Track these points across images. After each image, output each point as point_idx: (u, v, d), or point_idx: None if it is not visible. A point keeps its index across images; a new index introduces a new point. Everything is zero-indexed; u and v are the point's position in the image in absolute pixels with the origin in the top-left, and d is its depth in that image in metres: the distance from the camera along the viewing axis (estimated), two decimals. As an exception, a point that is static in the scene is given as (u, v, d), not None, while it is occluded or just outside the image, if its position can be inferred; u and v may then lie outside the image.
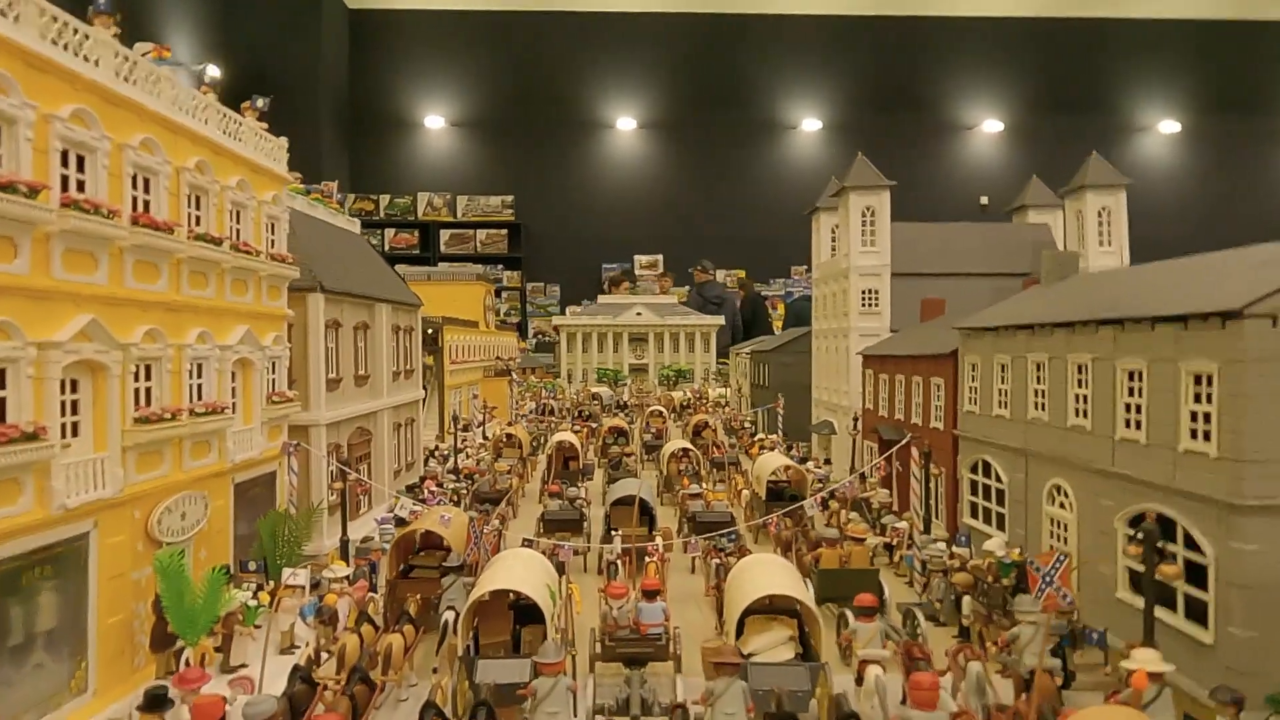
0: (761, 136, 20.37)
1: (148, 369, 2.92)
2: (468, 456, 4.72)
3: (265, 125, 3.40)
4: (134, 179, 2.68)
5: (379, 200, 19.72)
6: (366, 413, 3.55)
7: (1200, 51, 20.24)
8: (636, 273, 20.60)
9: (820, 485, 4.09)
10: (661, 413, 6.23)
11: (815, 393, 5.08)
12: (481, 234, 19.95)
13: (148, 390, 2.96)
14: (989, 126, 20.19)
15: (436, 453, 4.79)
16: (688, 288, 17.04)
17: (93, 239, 2.66)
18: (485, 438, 5.45)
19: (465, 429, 5.72)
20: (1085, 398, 3.73)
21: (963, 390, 2.97)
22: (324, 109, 18.62)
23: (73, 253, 2.62)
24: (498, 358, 6.96)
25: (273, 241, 3.26)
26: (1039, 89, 20.35)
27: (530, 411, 7.19)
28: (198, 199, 2.90)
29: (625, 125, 20.38)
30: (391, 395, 3.94)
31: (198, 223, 2.88)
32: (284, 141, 3.48)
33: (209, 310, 3.06)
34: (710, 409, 7.99)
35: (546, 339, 19.22)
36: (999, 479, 3.59)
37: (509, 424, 6.36)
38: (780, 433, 5.00)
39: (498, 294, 20.22)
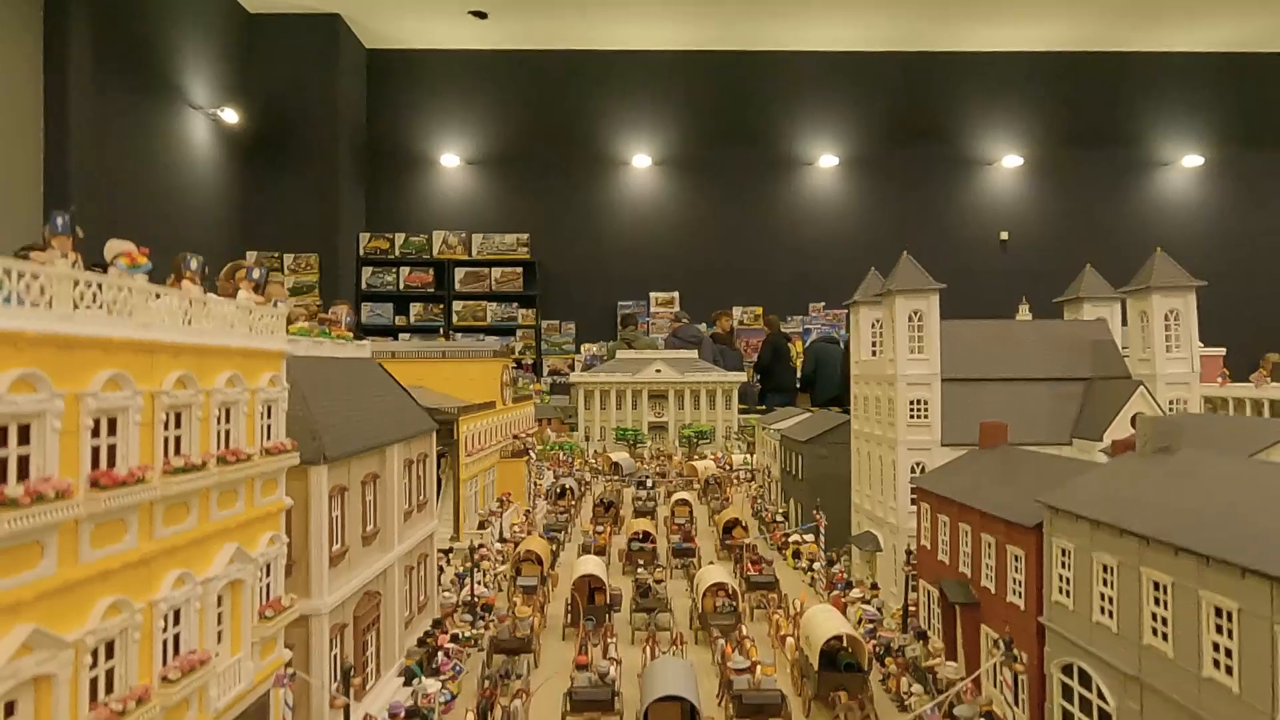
0: (778, 173, 20.13)
1: (109, 648, 2.36)
2: (483, 575, 4.35)
3: (261, 297, 2.76)
4: (95, 427, 2.23)
5: (394, 239, 19.62)
6: (375, 575, 3.20)
7: (1223, 85, 19.91)
8: (652, 309, 20.35)
9: (876, 643, 3.60)
10: (687, 501, 5.86)
11: (855, 497, 4.73)
12: (497, 272, 19.77)
13: (108, 676, 2.34)
14: (1009, 161, 19.87)
15: (453, 581, 4.40)
16: (666, 335, 16.71)
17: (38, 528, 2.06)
18: (501, 539, 5.10)
19: (482, 525, 5.39)
20: (1229, 651, 2.78)
21: (1050, 576, 2.53)
22: (341, 148, 18.55)
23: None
24: (515, 436, 6.66)
25: (269, 428, 2.80)
26: (1059, 123, 20.03)
27: (548, 490, 6.80)
28: (178, 417, 2.42)
29: (641, 162, 20.19)
30: (404, 541, 3.57)
31: (178, 448, 2.41)
32: (283, 310, 2.93)
33: (188, 545, 2.58)
34: (736, 483, 7.60)
35: (562, 377, 18.98)
36: (1103, 697, 2.91)
37: (526, 522, 5.96)
38: (820, 546, 4.65)
39: (512, 333, 20.06)
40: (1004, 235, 19.99)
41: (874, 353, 4.51)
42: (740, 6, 17.86)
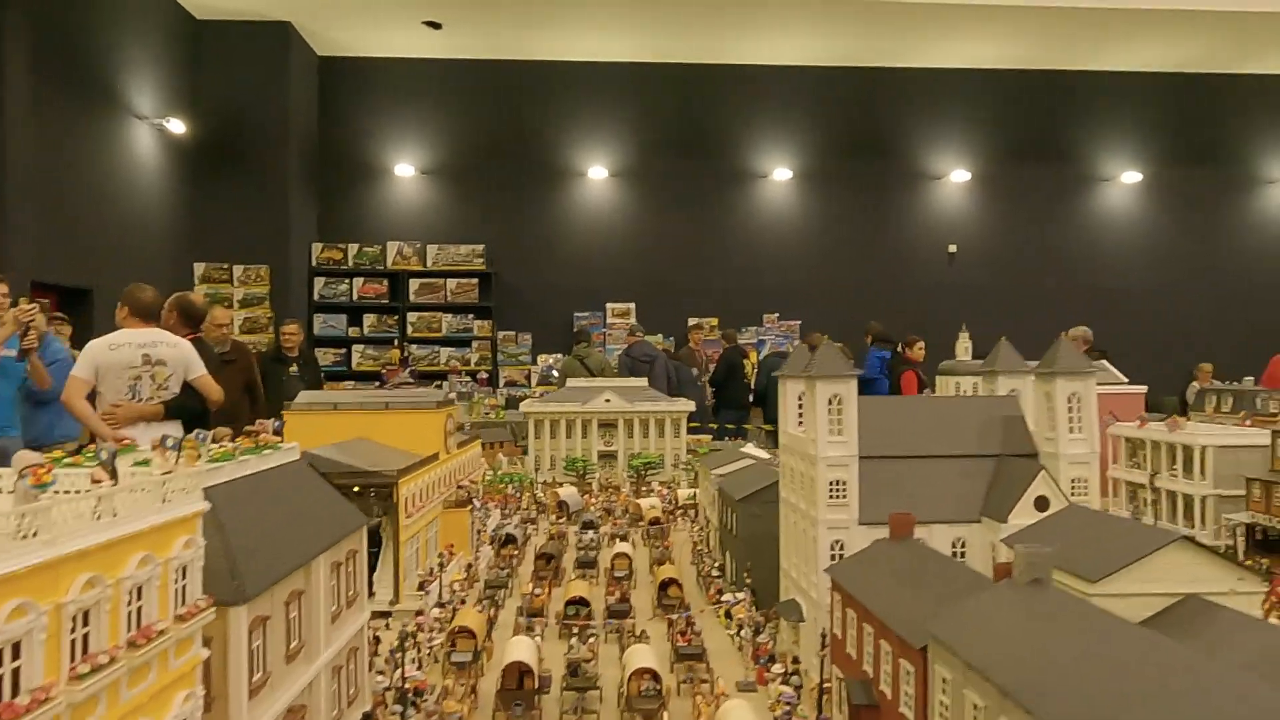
0: (733, 185, 20.34)
1: None
2: (417, 650, 4.35)
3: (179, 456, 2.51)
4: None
5: (347, 249, 19.44)
6: (300, 689, 3.21)
7: (1162, 104, 20.60)
8: (609, 320, 20.50)
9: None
10: (627, 555, 5.97)
11: (784, 562, 4.90)
12: (452, 283, 19.73)
13: None
14: (957, 176, 20.34)
15: (387, 660, 4.40)
16: (621, 348, 16.77)
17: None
18: (440, 604, 5.10)
19: (422, 586, 5.41)
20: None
21: (934, 700, 2.66)
22: (292, 158, 18.30)
23: None
24: (459, 485, 6.65)
25: (184, 589, 2.73)
26: (1004, 139, 20.54)
27: (493, 536, 6.78)
28: (86, 616, 2.27)
29: (597, 174, 20.24)
30: (331, 645, 3.58)
31: (85, 647, 2.23)
32: (199, 476, 2.73)
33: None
34: (679, 521, 7.74)
35: (518, 389, 19.01)
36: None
37: (468, 578, 5.97)
38: (748, 609, 4.77)
39: (468, 344, 20.02)
40: (952, 249, 20.47)
41: (800, 425, 4.69)
42: (698, 20, 18.00)
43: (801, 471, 4.60)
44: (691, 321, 19.08)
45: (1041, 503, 4.10)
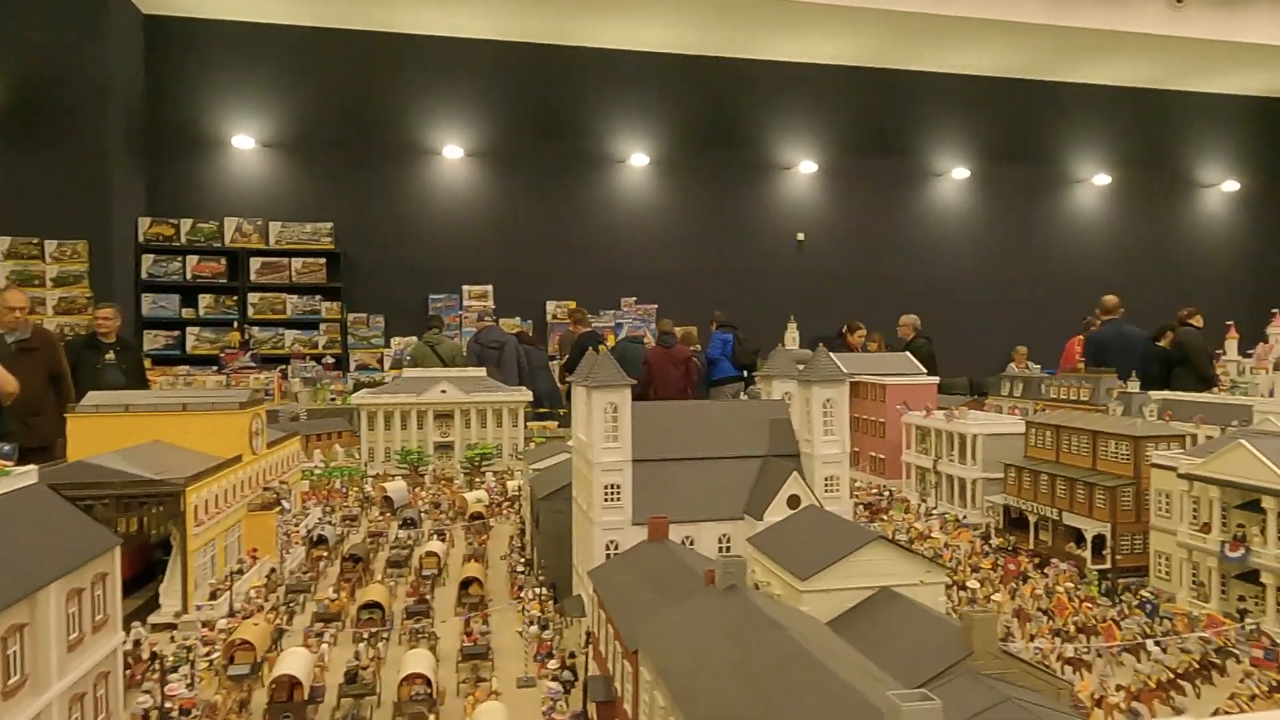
0: (590, 168, 20.41)
1: None
2: (191, 666, 4.18)
3: None
4: None
5: (180, 225, 18.16)
6: None
7: (989, 106, 22.14)
8: (466, 303, 20.18)
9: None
10: (436, 554, 5.98)
11: (575, 558, 5.10)
12: (298, 263, 18.84)
13: None
14: (805, 167, 21.23)
15: (152, 679, 4.23)
16: (471, 333, 16.70)
17: None
18: (232, 613, 4.94)
19: (214, 595, 5.20)
20: None
21: (642, 703, 2.85)
22: (113, 125, 16.87)
23: None
24: (265, 487, 6.39)
25: None
26: (851, 134, 21.58)
27: (305, 536, 6.58)
28: None
29: (453, 153, 19.80)
30: (68, 674, 3.42)
31: None
32: None
33: None
34: (506, 513, 7.84)
35: (370, 373, 18.50)
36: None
37: (268, 584, 5.81)
38: (551, 601, 4.91)
39: (316, 326, 19.22)
40: (800, 236, 21.38)
41: (588, 430, 4.87)
42: (561, 1, 17.82)
43: (584, 474, 4.80)
44: (576, 310, 18.97)
45: (794, 500, 4.47)
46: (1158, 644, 4.28)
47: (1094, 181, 22.89)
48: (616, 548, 4.48)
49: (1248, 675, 4.02)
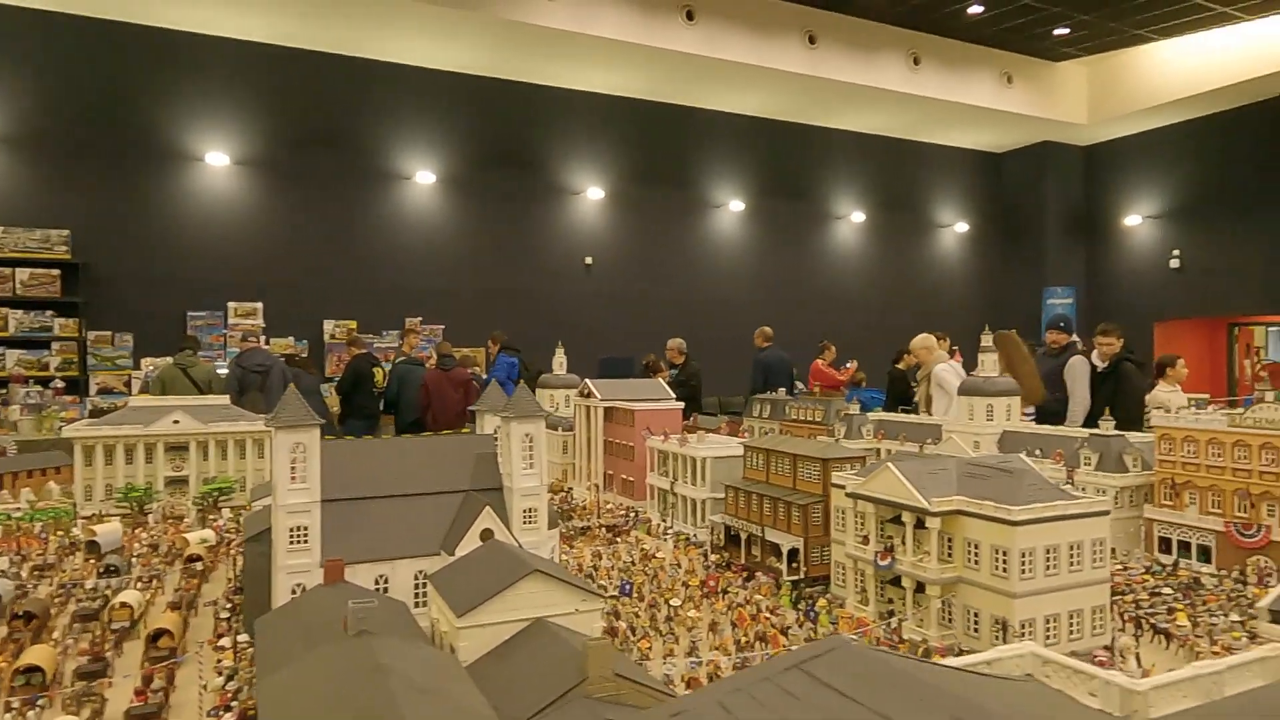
0: (372, 184, 19.76)
1: None
2: None
3: None
4: None
5: None
6: None
7: (759, 145, 23.89)
8: (231, 320, 18.76)
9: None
10: (129, 605, 5.52)
11: (272, 601, 4.94)
12: (24, 273, 16.60)
13: None
14: (593, 194, 21.83)
15: None
16: (230, 359, 15.67)
17: None
18: None
19: None
20: None
21: None
22: None
23: None
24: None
25: None
26: (636, 163, 22.47)
27: None
28: None
29: (217, 160, 18.41)
30: None
31: None
32: None
33: None
34: (233, 554, 7.37)
35: (116, 398, 16.66)
36: None
37: None
38: (250, 649, 4.71)
39: (46, 345, 17.05)
40: (589, 260, 21.91)
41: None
42: (343, 7, 17.12)
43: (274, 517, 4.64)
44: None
45: (486, 534, 4.58)
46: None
47: (852, 218, 25.29)
48: (303, 589, 4.38)
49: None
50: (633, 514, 8.87)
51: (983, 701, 1.24)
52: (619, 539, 7.99)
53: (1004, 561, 4.72)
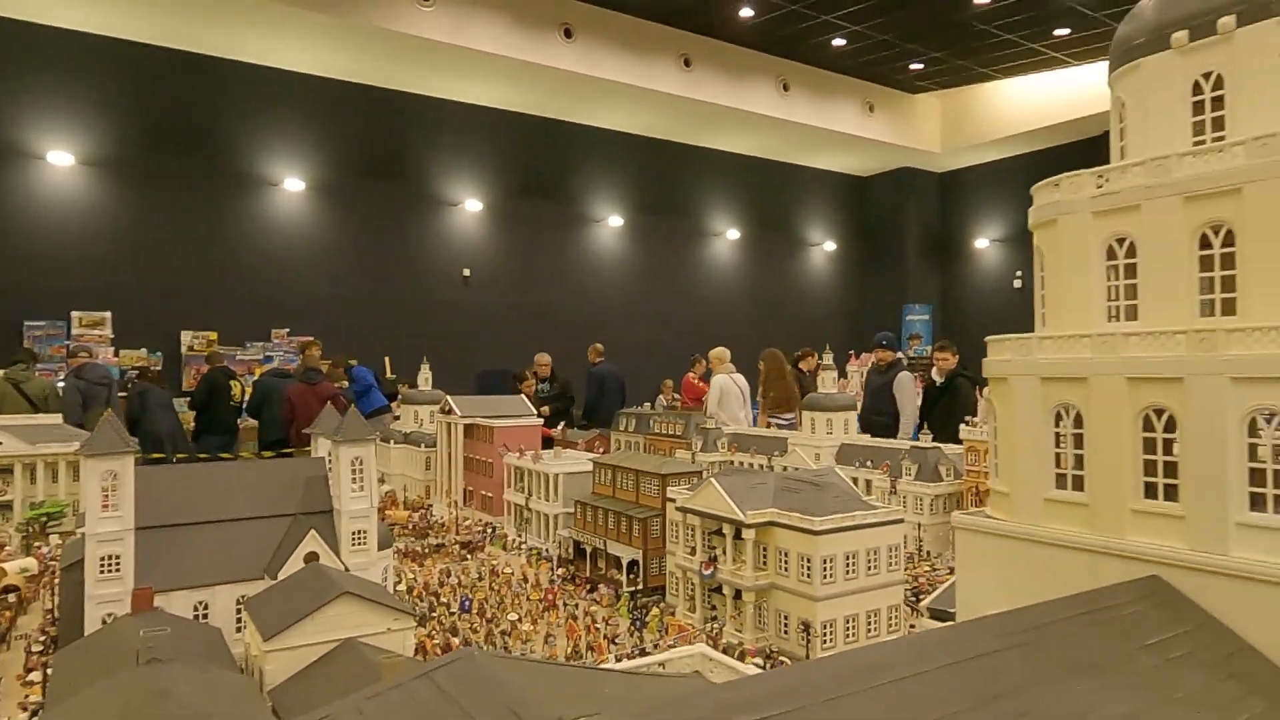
0: (236, 191, 18.94)
1: None
2: None
3: None
4: None
5: None
6: None
7: (639, 162, 24.42)
8: (75, 331, 17.56)
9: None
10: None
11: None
12: None
13: None
14: (471, 205, 21.77)
15: None
16: (68, 373, 14.72)
17: None
18: None
19: None
20: None
21: None
22: None
23: None
24: None
25: None
26: (513, 176, 22.51)
27: None
28: None
29: (60, 159, 17.25)
30: None
31: None
32: None
33: None
34: (51, 583, 6.99)
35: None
36: None
37: None
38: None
39: None
40: (466, 272, 21.78)
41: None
42: (196, 4, 16.41)
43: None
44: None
45: (311, 557, 4.63)
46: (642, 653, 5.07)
47: (728, 235, 26.19)
48: (112, 621, 4.30)
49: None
50: (490, 530, 8.99)
51: (594, 698, 1.49)
52: (471, 555, 8.10)
53: (808, 568, 5.15)
